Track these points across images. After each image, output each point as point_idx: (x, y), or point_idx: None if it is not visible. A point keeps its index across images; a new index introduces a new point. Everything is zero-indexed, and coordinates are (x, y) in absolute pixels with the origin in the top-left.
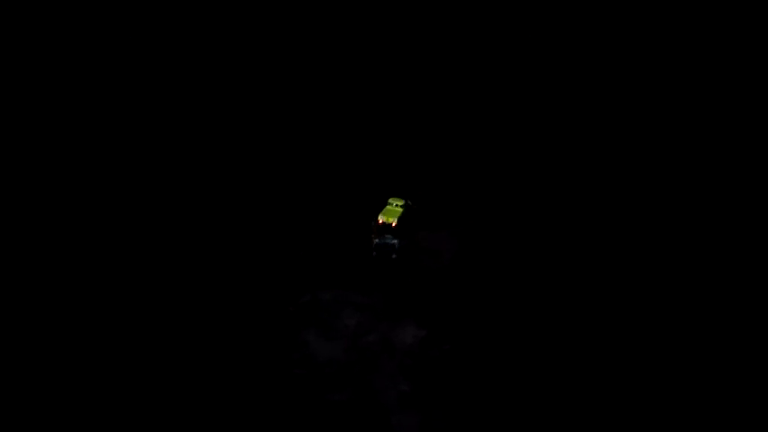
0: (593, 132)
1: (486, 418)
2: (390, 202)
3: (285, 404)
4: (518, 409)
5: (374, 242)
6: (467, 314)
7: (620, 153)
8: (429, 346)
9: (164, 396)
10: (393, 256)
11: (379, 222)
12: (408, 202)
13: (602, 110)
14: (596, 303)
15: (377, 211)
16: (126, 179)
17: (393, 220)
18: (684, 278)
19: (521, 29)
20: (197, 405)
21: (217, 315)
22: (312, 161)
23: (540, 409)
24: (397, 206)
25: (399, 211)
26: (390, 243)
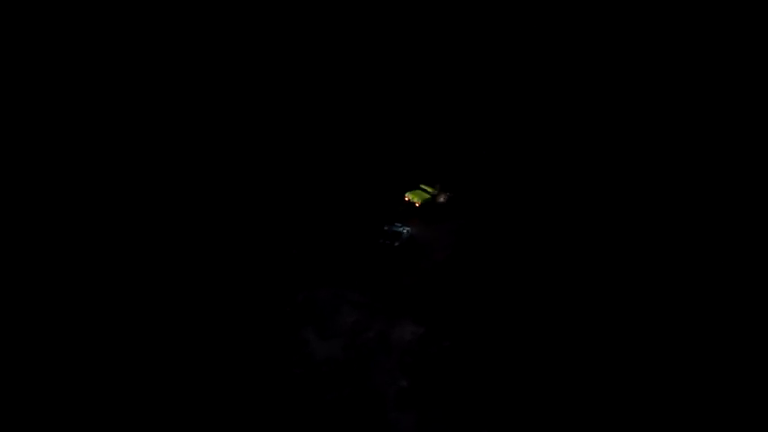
0: (592, 132)
1: (486, 416)
2: (422, 186)
3: (284, 404)
4: (518, 406)
5: (384, 228)
6: (466, 311)
7: (620, 152)
8: (428, 344)
9: (161, 397)
10: (396, 244)
11: (406, 199)
12: (437, 189)
13: (603, 109)
14: (595, 300)
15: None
16: (114, 177)
17: (417, 201)
18: (684, 276)
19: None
20: (195, 406)
21: (214, 316)
22: (314, 152)
23: (540, 407)
24: (426, 191)
25: (427, 195)
26: (398, 231)
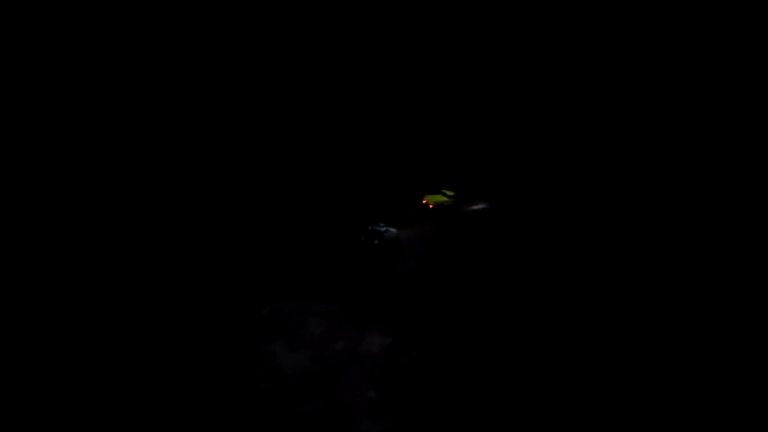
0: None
1: (454, 425)
2: (444, 191)
3: (253, 421)
4: (487, 414)
5: (368, 228)
6: (435, 319)
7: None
8: (395, 354)
9: (121, 417)
10: (375, 242)
11: (423, 201)
12: (454, 195)
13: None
14: (564, 308)
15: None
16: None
17: (431, 203)
18: (677, 278)
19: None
20: (159, 427)
21: (177, 331)
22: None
23: (511, 416)
24: (445, 195)
25: (444, 199)
26: (379, 230)
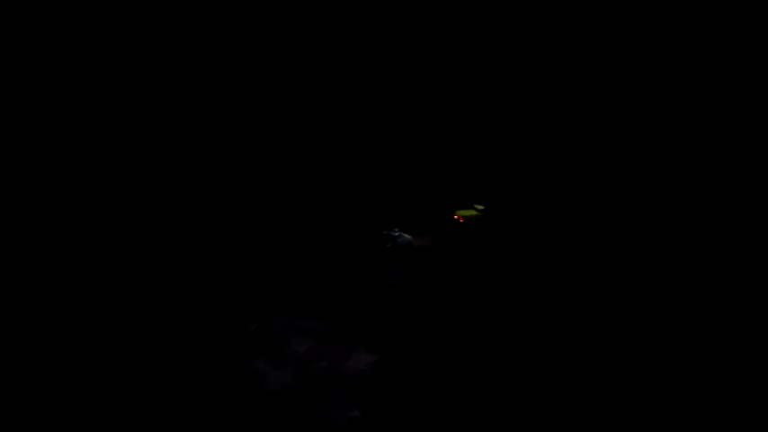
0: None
1: None
2: (475, 206)
3: None
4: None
5: (383, 232)
6: (423, 335)
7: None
8: (381, 371)
9: None
10: (388, 245)
11: (455, 216)
12: (484, 209)
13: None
14: (549, 321)
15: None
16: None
17: (461, 218)
18: (675, 279)
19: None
20: None
21: (161, 350)
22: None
23: (498, 427)
24: (476, 209)
25: (474, 213)
26: (392, 235)
